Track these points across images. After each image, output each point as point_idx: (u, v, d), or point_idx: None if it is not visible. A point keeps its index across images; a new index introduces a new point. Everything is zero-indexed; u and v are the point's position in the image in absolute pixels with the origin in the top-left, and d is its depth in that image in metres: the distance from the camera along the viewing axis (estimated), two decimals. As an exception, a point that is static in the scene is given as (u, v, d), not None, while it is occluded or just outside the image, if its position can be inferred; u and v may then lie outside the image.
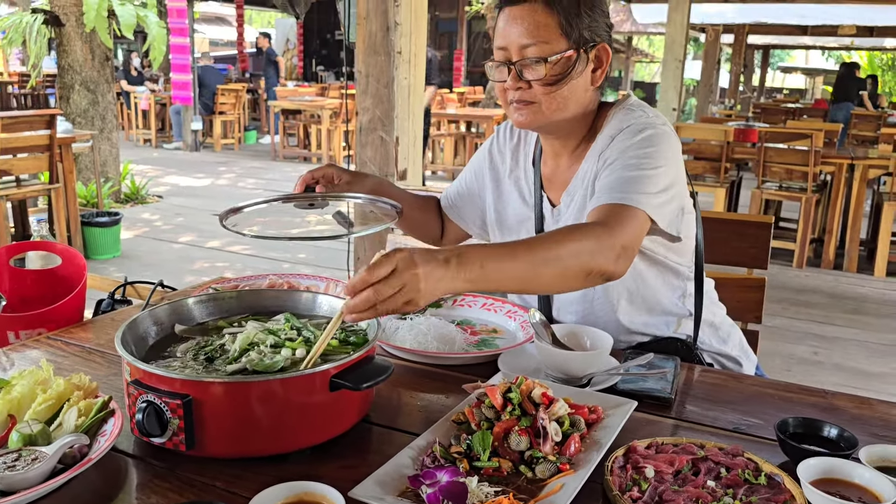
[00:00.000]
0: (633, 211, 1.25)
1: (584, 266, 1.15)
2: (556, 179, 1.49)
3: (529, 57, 1.31)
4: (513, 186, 1.57)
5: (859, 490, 0.93)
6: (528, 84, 1.33)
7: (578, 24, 1.31)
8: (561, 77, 1.32)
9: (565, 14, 1.30)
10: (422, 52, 2.98)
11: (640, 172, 1.29)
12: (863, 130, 8.34)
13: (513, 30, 1.32)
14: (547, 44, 1.30)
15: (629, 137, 1.34)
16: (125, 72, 12.17)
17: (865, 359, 3.88)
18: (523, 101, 1.35)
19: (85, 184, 6.43)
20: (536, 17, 1.30)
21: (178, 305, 1.22)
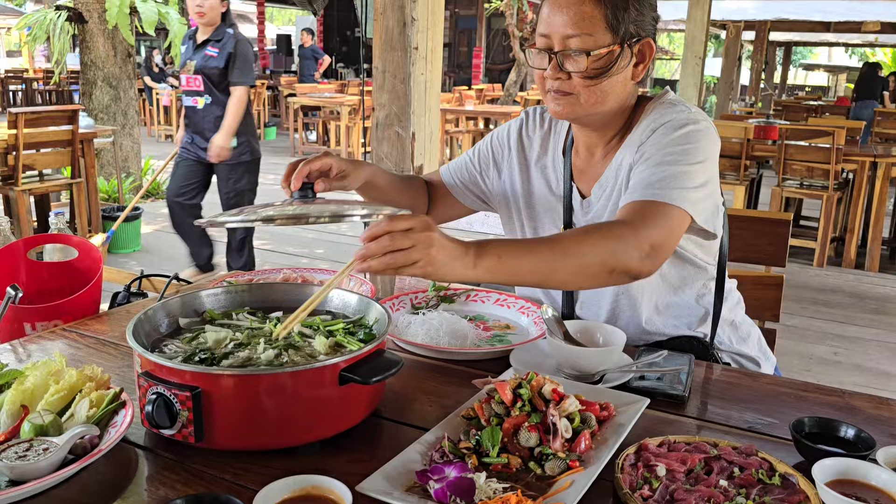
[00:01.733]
0: (667, 208, 1.23)
1: (605, 264, 1.15)
2: (589, 171, 1.47)
3: (572, 48, 1.28)
4: (540, 174, 1.53)
5: (876, 492, 0.92)
6: (569, 75, 1.30)
7: (625, 17, 1.28)
8: (603, 71, 1.29)
9: (612, 7, 1.27)
10: (438, 49, 2.97)
11: (677, 168, 1.27)
12: (886, 128, 8.21)
13: (557, 18, 1.28)
14: (591, 36, 1.27)
15: (669, 132, 1.32)
16: (147, 68, 12.27)
17: (887, 359, 3.82)
18: (562, 92, 1.32)
19: (107, 179, 6.49)
20: (583, 8, 1.26)
21: (191, 298, 1.22)
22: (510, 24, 12.29)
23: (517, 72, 12.26)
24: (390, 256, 0.97)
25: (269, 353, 1.02)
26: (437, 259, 0.99)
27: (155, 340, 1.11)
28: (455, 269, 1.02)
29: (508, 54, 14.69)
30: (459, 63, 19.01)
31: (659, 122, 1.34)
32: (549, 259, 1.12)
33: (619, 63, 1.30)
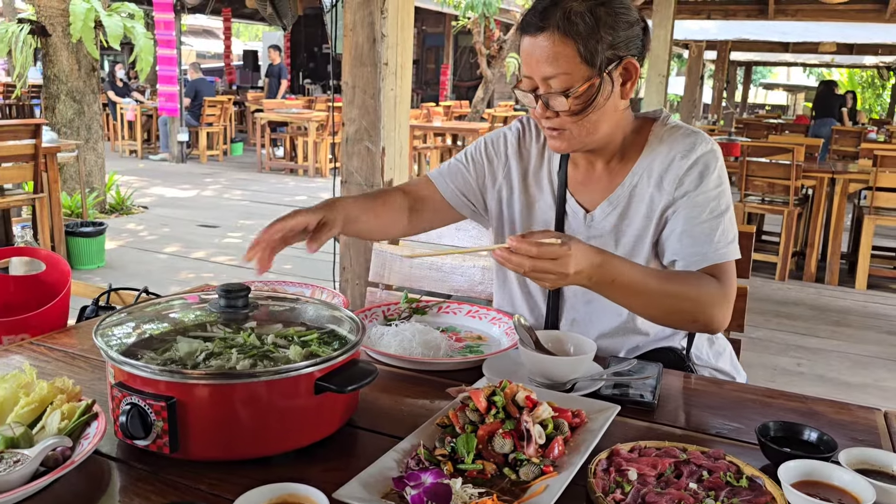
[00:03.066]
0: (731, 264, 1.36)
1: (693, 315, 1.30)
2: (591, 185, 1.47)
3: (552, 89, 1.28)
4: (535, 183, 1.53)
5: (839, 492, 0.94)
6: (556, 114, 1.31)
7: (599, 48, 1.26)
8: (586, 105, 1.30)
9: (583, 41, 1.25)
10: (408, 64, 3.00)
11: (724, 219, 1.36)
12: (844, 146, 8.45)
13: (533, 60, 1.29)
14: (568, 75, 1.27)
15: (698, 176, 1.37)
16: (110, 83, 12.14)
17: (847, 370, 3.92)
18: (554, 129, 1.34)
19: (70, 194, 6.39)
20: (554, 49, 1.26)
21: (162, 309, 1.21)
22: (477, 41, 12.41)
23: (484, 89, 12.38)
24: (530, 272, 1.13)
25: (244, 362, 1.02)
26: (562, 283, 1.17)
27: (126, 352, 1.10)
28: (574, 283, 1.19)
29: (476, 71, 14.82)
30: (427, 80, 19.12)
31: (675, 149, 1.39)
32: (648, 296, 1.27)
33: (601, 92, 1.30)
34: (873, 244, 5.47)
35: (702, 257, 1.35)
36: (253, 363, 1.04)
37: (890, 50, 12.80)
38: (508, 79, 16.52)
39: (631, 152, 1.43)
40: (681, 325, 1.37)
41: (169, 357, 1.05)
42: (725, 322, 1.34)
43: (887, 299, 5.28)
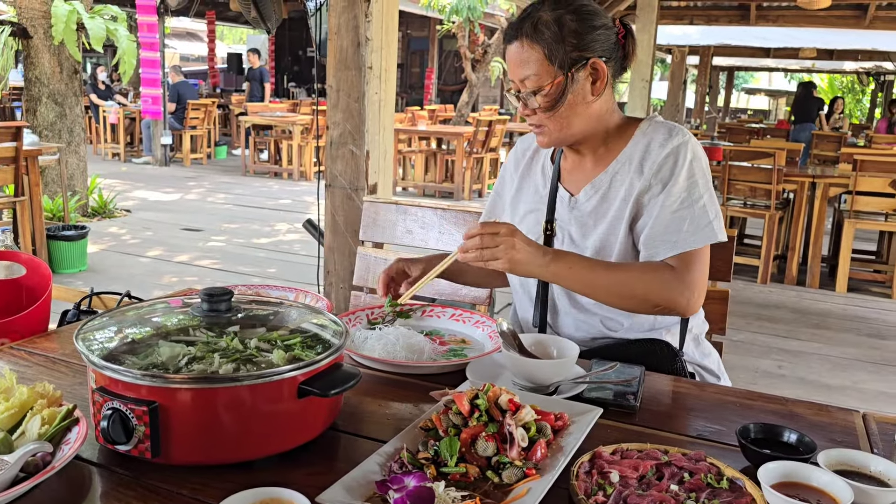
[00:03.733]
0: (701, 251, 1.44)
1: (648, 299, 1.41)
2: (576, 173, 1.57)
3: (527, 87, 1.44)
4: (530, 180, 1.66)
5: (818, 493, 0.96)
6: (534, 111, 1.47)
7: (562, 49, 1.41)
8: (555, 102, 1.44)
9: (548, 45, 1.41)
10: (393, 68, 3.00)
11: (691, 210, 1.43)
12: (824, 150, 8.55)
13: (511, 65, 1.46)
14: (537, 76, 1.43)
15: (673, 164, 1.45)
16: (92, 85, 12.04)
17: (828, 372, 3.96)
18: (535, 125, 1.50)
19: (51, 197, 6.33)
20: (523, 54, 1.43)
21: (144, 314, 1.21)
22: (462, 45, 12.43)
23: (469, 93, 12.40)
24: (480, 252, 1.31)
25: (227, 366, 1.02)
26: (517, 258, 1.32)
27: (107, 356, 1.10)
28: (531, 267, 1.36)
29: (460, 75, 14.84)
30: (412, 84, 19.13)
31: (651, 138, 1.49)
32: (606, 282, 1.40)
33: (568, 89, 1.44)
34: (853, 247, 5.53)
35: (671, 245, 1.43)
36: (236, 367, 1.04)
37: (869, 56, 12.97)
38: (493, 83, 16.56)
39: (616, 144, 1.53)
40: (642, 308, 1.45)
41: (151, 361, 1.04)
42: (692, 305, 1.42)
43: (867, 302, 5.34)
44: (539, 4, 1.44)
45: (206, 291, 1.13)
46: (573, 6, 1.43)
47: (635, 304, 1.43)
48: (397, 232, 2.09)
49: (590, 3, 1.46)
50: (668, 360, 1.51)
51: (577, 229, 1.52)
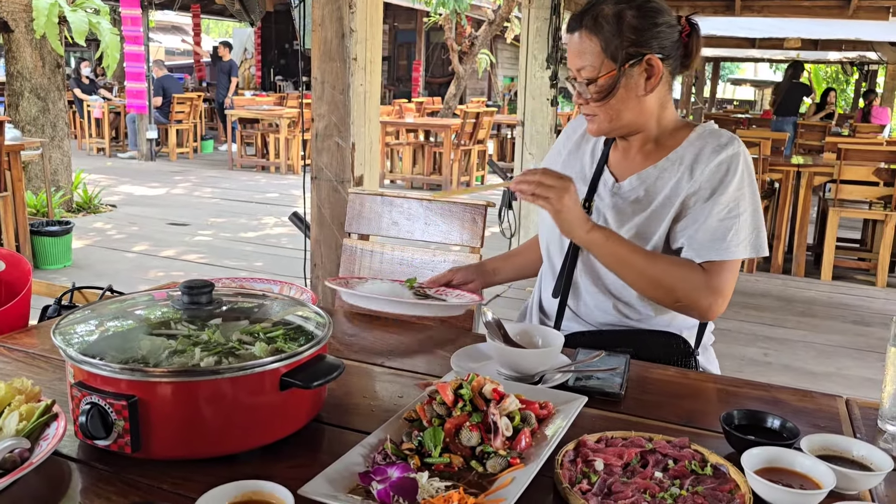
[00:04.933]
0: (733, 262, 1.47)
1: (673, 293, 1.45)
2: (624, 163, 1.61)
3: (583, 77, 1.48)
4: (577, 160, 1.70)
5: (801, 478, 0.96)
6: (586, 100, 1.51)
7: (618, 44, 1.45)
8: (607, 93, 1.47)
9: (605, 38, 1.45)
10: (377, 59, 2.98)
11: (736, 221, 1.46)
12: (809, 140, 8.60)
13: (570, 55, 1.51)
14: (592, 66, 1.47)
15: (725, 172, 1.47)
16: (76, 80, 11.92)
17: (813, 359, 3.99)
18: (587, 114, 1.55)
19: (35, 193, 6.27)
20: (583, 44, 1.47)
21: (125, 307, 1.19)
22: (449, 37, 12.40)
23: (456, 85, 12.37)
24: (535, 187, 1.39)
25: (209, 359, 1.01)
26: (564, 208, 1.38)
27: (86, 350, 1.08)
28: (573, 224, 1.41)
29: (448, 68, 14.81)
30: (399, 76, 19.07)
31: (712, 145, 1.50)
32: (636, 263, 1.44)
33: (620, 83, 1.47)
34: (838, 236, 5.57)
35: (710, 250, 1.46)
36: (217, 360, 1.03)
37: (853, 45, 13.03)
38: (480, 74, 16.54)
39: (668, 143, 1.56)
40: (665, 299, 1.48)
41: (130, 355, 1.03)
42: (714, 310, 1.47)
43: (851, 290, 5.38)
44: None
45: (186, 284, 1.12)
46: (637, 2, 1.46)
47: (660, 294, 1.47)
48: (383, 224, 2.08)
49: (654, 0, 1.48)
50: (683, 357, 1.55)
51: (613, 215, 1.54)
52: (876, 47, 12.72)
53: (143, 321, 1.14)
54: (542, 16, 5.14)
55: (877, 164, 5.33)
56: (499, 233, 5.23)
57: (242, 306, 1.23)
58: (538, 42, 5.16)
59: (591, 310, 1.58)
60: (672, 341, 1.55)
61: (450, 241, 1.98)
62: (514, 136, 10.27)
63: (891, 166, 5.26)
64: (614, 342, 1.51)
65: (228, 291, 1.28)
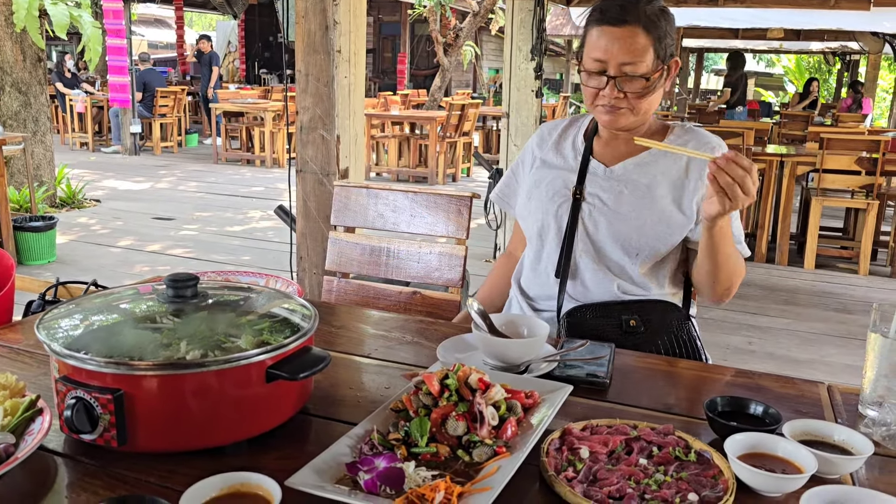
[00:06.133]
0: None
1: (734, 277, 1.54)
2: (609, 151, 1.67)
3: (629, 73, 1.51)
4: (557, 154, 1.73)
5: (783, 463, 0.97)
6: (624, 94, 1.53)
7: (666, 44, 1.54)
8: (651, 90, 1.54)
9: (657, 37, 1.52)
10: (362, 52, 2.97)
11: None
12: (792, 129, 8.65)
13: (614, 47, 1.51)
14: (643, 63, 1.51)
15: None
16: (59, 74, 11.79)
17: (796, 347, 4.03)
18: (614, 107, 1.56)
19: (17, 188, 6.21)
20: (637, 39, 1.50)
21: (110, 301, 1.19)
22: (434, 30, 12.35)
23: (441, 77, 12.34)
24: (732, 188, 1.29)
25: (194, 352, 1.00)
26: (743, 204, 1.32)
27: (70, 344, 1.08)
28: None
29: (432, 60, 14.77)
30: (384, 69, 18.99)
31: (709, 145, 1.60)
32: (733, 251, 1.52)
33: (660, 80, 1.56)
34: (820, 225, 5.62)
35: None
36: (203, 353, 1.03)
37: (835, 36, 13.10)
38: (465, 67, 16.50)
39: (655, 136, 1.65)
40: (720, 286, 1.55)
41: (115, 349, 1.03)
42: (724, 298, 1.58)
43: (834, 278, 5.43)
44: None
45: (171, 277, 1.12)
46: (662, 4, 1.55)
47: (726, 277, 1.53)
48: (369, 216, 2.08)
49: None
50: (680, 321, 1.61)
51: (610, 196, 1.60)
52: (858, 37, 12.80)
53: (128, 315, 1.14)
54: (527, 7, 5.13)
55: (859, 153, 5.37)
56: (484, 224, 5.24)
57: (228, 299, 1.23)
58: (522, 34, 5.16)
59: (590, 289, 1.61)
60: (669, 307, 1.62)
61: (435, 233, 1.99)
62: (499, 127, 10.27)
63: (872, 155, 5.31)
64: (616, 312, 1.57)
65: (214, 284, 1.28)
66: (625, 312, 1.57)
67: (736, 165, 1.28)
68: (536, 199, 1.70)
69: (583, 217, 1.62)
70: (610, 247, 1.59)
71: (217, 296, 1.22)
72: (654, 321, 1.57)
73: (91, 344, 1.01)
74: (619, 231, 1.58)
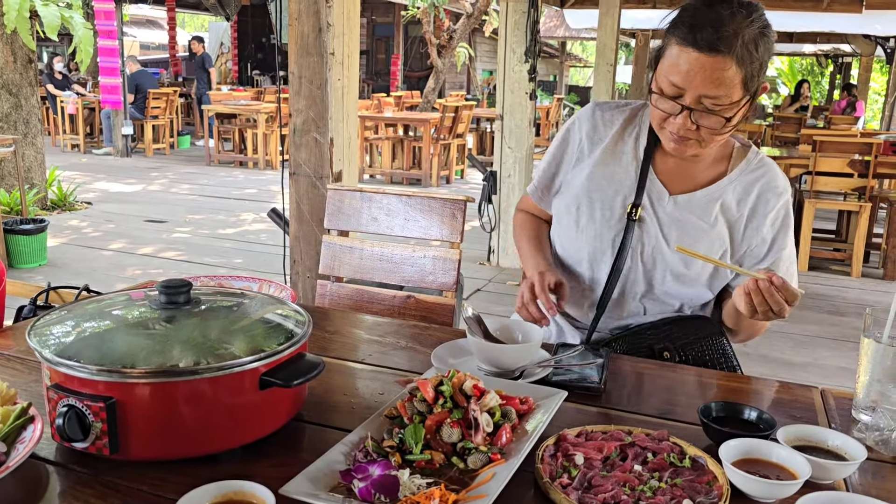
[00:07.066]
0: None
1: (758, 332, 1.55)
2: (678, 173, 1.51)
3: (710, 107, 1.31)
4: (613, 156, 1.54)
5: (777, 468, 0.98)
6: (697, 127, 1.34)
7: (759, 77, 1.33)
8: (732, 126, 1.35)
9: (750, 70, 1.30)
10: (355, 54, 2.97)
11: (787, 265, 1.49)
12: (785, 132, 8.69)
13: (697, 77, 1.29)
14: (727, 97, 1.30)
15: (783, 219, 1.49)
16: (49, 75, 11.73)
17: (790, 349, 4.04)
18: (684, 137, 1.37)
19: (8, 190, 6.17)
20: (726, 73, 1.28)
21: (102, 307, 1.18)
22: (427, 31, 12.36)
23: (435, 79, 12.35)
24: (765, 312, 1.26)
25: (187, 359, 1.00)
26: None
27: (62, 352, 1.07)
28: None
29: (426, 61, 14.78)
30: (377, 70, 18.98)
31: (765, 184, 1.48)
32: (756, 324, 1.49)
33: (745, 113, 1.36)
34: (813, 227, 5.64)
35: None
36: (196, 360, 1.02)
37: (827, 38, 13.19)
38: (459, 68, 16.52)
39: (720, 162, 1.51)
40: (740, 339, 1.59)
41: (108, 356, 1.02)
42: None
43: (827, 280, 5.45)
44: (739, 11, 1.28)
45: (163, 284, 1.11)
46: (764, 21, 1.31)
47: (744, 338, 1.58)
48: (362, 220, 2.07)
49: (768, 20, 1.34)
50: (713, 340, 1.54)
51: (673, 230, 1.48)
52: (850, 40, 12.88)
53: (121, 321, 1.13)
54: (521, 9, 5.14)
55: (851, 155, 5.40)
56: (479, 227, 5.24)
57: (221, 305, 1.22)
58: (516, 35, 5.17)
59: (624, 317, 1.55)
60: (701, 324, 1.54)
61: (430, 237, 1.98)
62: (493, 129, 10.28)
63: (865, 158, 5.34)
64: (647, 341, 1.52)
65: (207, 290, 1.27)
66: (656, 340, 1.50)
67: (776, 293, 1.23)
68: (589, 217, 1.52)
69: (640, 245, 1.49)
70: (659, 284, 1.51)
71: (210, 302, 1.21)
72: (688, 349, 1.50)
73: (83, 351, 1.00)
74: (671, 267, 1.48)
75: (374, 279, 2.04)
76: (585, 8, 9.63)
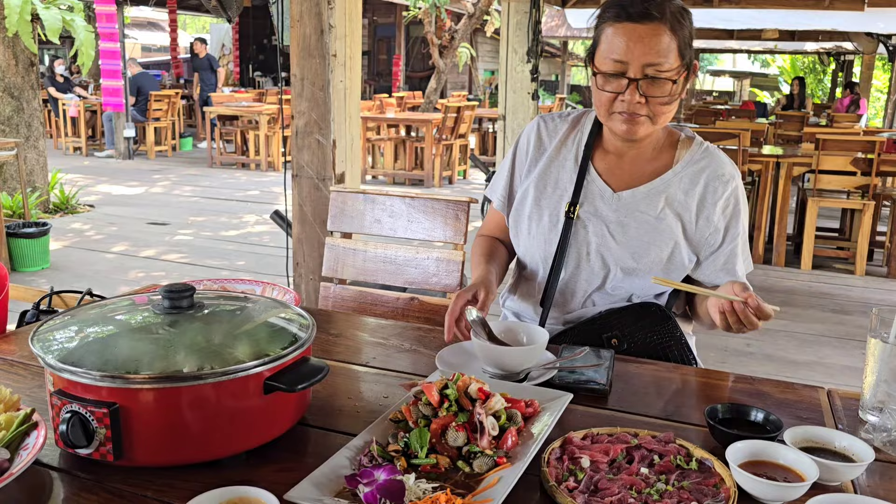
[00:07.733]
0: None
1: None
2: (618, 172, 1.54)
3: (653, 75, 1.37)
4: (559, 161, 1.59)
5: (785, 470, 0.97)
6: (645, 99, 1.39)
7: (690, 46, 1.42)
8: (676, 95, 1.41)
9: (682, 38, 1.39)
10: (357, 55, 2.97)
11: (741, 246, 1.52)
12: (788, 130, 8.67)
13: (637, 47, 1.35)
14: (669, 64, 1.37)
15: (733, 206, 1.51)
16: (50, 78, 11.75)
17: (795, 348, 4.03)
18: (634, 114, 1.41)
19: (10, 194, 6.18)
20: (663, 38, 1.36)
21: (105, 312, 1.18)
22: (429, 31, 12.36)
23: (437, 79, 12.34)
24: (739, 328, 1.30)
25: (191, 364, 0.99)
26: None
27: (65, 357, 1.07)
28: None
29: (428, 62, 14.77)
30: (379, 71, 18.98)
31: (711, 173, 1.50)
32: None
33: (683, 86, 1.43)
34: (817, 225, 5.62)
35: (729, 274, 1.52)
36: (200, 365, 1.02)
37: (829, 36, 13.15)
38: (461, 69, 16.50)
39: (664, 153, 1.54)
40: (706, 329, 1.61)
41: (111, 362, 1.01)
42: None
43: (831, 279, 5.44)
44: None
45: (167, 288, 1.11)
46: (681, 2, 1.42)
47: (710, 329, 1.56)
48: (365, 222, 2.07)
49: None
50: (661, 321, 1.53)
51: (615, 228, 1.51)
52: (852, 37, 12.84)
53: (124, 326, 1.13)
54: (522, 9, 5.13)
55: (854, 153, 5.38)
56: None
57: (224, 309, 1.21)
58: (518, 36, 5.16)
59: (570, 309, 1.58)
60: (646, 312, 1.54)
61: (433, 238, 1.98)
62: (495, 130, 10.27)
63: (868, 156, 5.32)
64: (596, 331, 1.52)
65: (210, 294, 1.27)
66: (605, 329, 1.51)
67: (751, 314, 1.28)
68: (538, 223, 1.57)
69: (585, 244, 1.52)
70: (609, 281, 1.52)
71: (213, 306, 1.21)
72: (636, 334, 1.51)
73: (86, 357, 0.99)
74: (620, 263, 1.50)
75: (378, 281, 2.03)
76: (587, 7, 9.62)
